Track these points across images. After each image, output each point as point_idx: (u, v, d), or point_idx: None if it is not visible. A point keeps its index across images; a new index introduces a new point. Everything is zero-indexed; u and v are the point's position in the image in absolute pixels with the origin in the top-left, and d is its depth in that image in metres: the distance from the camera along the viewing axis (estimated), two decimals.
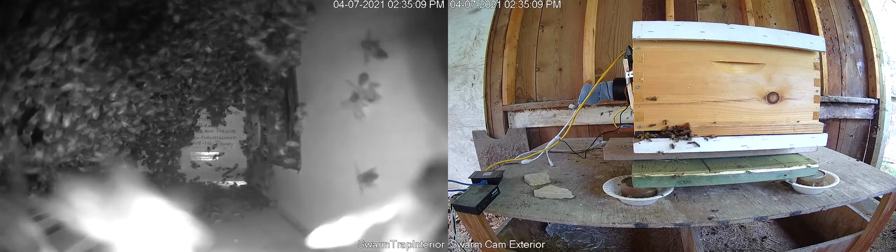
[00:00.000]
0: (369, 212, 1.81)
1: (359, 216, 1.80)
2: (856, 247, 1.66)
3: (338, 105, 2.51)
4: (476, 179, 1.75)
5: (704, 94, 1.55)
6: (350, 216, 1.80)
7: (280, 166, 3.52)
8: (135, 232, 1.72)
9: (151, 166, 3.22)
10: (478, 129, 2.89)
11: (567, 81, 2.74)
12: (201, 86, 2.95)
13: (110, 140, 2.21)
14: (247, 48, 2.68)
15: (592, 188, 1.64)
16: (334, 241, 1.80)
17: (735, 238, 2.03)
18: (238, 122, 4.12)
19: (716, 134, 1.52)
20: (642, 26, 1.53)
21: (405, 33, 1.94)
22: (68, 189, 1.73)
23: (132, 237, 1.71)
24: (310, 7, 2.07)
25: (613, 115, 2.26)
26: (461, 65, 2.89)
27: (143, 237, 1.73)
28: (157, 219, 1.78)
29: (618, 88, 1.84)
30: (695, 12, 2.54)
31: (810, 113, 1.60)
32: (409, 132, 1.98)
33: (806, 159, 1.55)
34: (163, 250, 1.74)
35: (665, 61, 1.54)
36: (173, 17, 2.04)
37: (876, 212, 1.60)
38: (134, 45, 2.02)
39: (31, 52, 1.73)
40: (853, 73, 2.45)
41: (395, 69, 1.99)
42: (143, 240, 1.73)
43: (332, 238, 1.79)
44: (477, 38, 2.86)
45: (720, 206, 1.45)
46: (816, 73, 1.59)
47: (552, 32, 2.78)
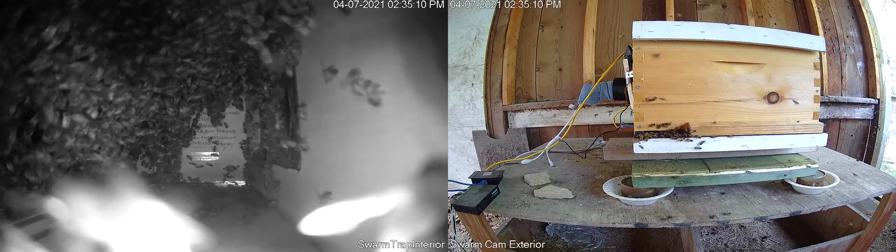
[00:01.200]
0: (364, 199, 1.78)
1: (354, 204, 1.77)
2: (856, 247, 1.66)
3: (338, 105, 2.52)
4: (476, 179, 1.75)
5: (704, 94, 1.55)
6: (345, 202, 1.78)
7: (280, 166, 3.52)
8: (132, 233, 1.72)
9: (151, 166, 3.22)
10: (478, 129, 2.89)
11: (567, 81, 2.74)
12: (201, 86, 2.95)
13: (110, 140, 2.21)
14: (247, 48, 2.68)
15: (592, 188, 1.64)
16: (327, 229, 1.77)
17: (735, 238, 2.03)
18: (238, 122, 4.12)
19: (716, 134, 1.52)
20: (642, 26, 1.53)
21: (405, 33, 1.94)
22: (67, 190, 1.73)
23: (129, 239, 1.71)
24: (310, 7, 2.07)
25: (613, 115, 2.26)
26: (461, 65, 2.89)
27: (141, 239, 1.73)
28: (155, 220, 1.78)
29: (618, 88, 1.84)
30: (695, 12, 2.54)
31: (810, 113, 1.60)
32: (409, 132, 1.97)
33: (806, 159, 1.55)
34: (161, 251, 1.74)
35: (665, 61, 1.54)
36: (173, 17, 2.04)
37: (876, 212, 1.60)
38: (134, 45, 2.02)
39: (31, 52, 1.73)
40: (853, 73, 2.45)
41: (396, 69, 1.99)
42: (140, 241, 1.73)
43: (326, 225, 1.77)
44: (477, 38, 2.85)
45: (720, 206, 1.45)
46: (816, 73, 1.59)
47: (552, 32, 2.78)
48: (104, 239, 1.68)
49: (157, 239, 1.75)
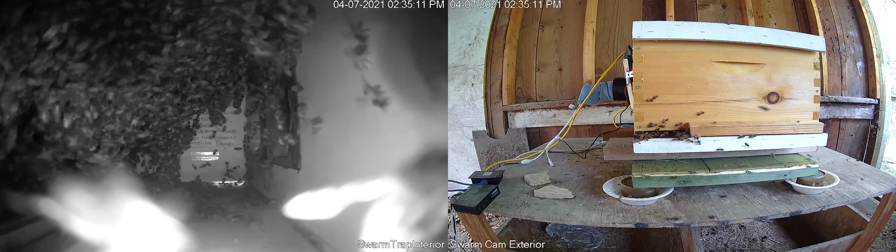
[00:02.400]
0: (351, 186, 1.77)
1: (339, 189, 1.76)
2: (856, 247, 1.66)
3: (337, 105, 2.52)
4: (476, 179, 1.75)
5: (704, 94, 1.55)
6: (330, 188, 1.76)
7: (280, 166, 3.52)
8: (125, 236, 1.72)
9: (151, 166, 3.22)
10: (478, 129, 2.89)
11: (567, 81, 2.74)
12: (201, 86, 2.95)
13: (110, 140, 2.21)
14: (247, 48, 2.68)
15: (592, 188, 1.64)
16: (312, 213, 1.75)
17: (735, 238, 2.03)
18: (238, 122, 4.13)
19: (716, 134, 1.52)
20: (642, 26, 1.53)
21: (405, 33, 1.94)
22: (64, 190, 1.73)
23: (122, 241, 1.71)
24: (310, 7, 2.07)
25: (613, 115, 2.26)
26: (461, 65, 2.89)
27: (133, 241, 1.73)
28: (147, 223, 1.77)
29: (618, 88, 1.84)
30: (695, 12, 2.54)
31: (810, 113, 1.60)
32: (409, 132, 1.98)
33: (806, 159, 1.55)
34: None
35: (665, 61, 1.54)
36: (173, 17, 2.04)
37: (876, 212, 1.60)
38: (134, 45, 2.02)
39: (31, 52, 1.73)
40: (853, 73, 2.45)
41: (395, 69, 1.99)
42: (132, 244, 1.73)
43: (310, 209, 1.76)
44: (477, 38, 2.86)
45: (720, 206, 1.45)
46: (816, 73, 1.59)
47: (552, 32, 2.78)
48: (98, 241, 1.68)
49: (147, 242, 1.75)
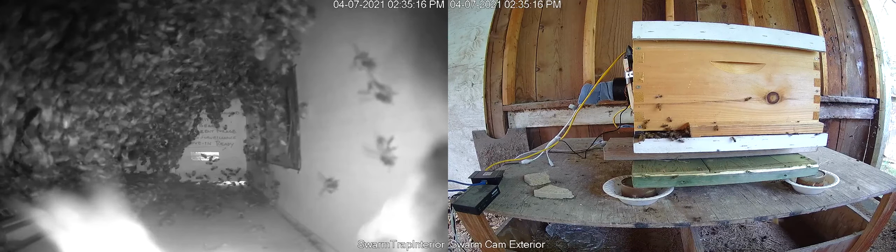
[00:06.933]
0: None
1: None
2: (856, 247, 1.66)
3: (337, 105, 2.52)
4: (476, 179, 1.75)
5: (704, 94, 1.55)
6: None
7: (280, 166, 3.52)
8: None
9: (151, 166, 3.22)
10: (478, 129, 2.89)
11: (567, 81, 2.74)
12: (201, 86, 2.95)
13: (110, 140, 2.21)
14: (247, 48, 2.68)
15: (592, 188, 1.64)
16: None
17: (735, 238, 2.03)
18: (238, 122, 4.13)
19: (716, 134, 1.52)
20: (642, 26, 1.54)
21: (405, 33, 1.94)
22: (57, 204, 1.74)
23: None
24: (310, 8, 2.07)
25: (613, 115, 2.26)
26: (461, 65, 2.89)
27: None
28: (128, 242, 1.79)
29: (618, 88, 1.84)
30: (695, 12, 2.54)
31: (810, 113, 1.60)
32: (408, 132, 1.97)
33: (806, 159, 1.55)
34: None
35: (665, 61, 1.54)
36: (173, 17, 2.05)
37: (876, 212, 1.60)
38: (134, 46, 2.02)
39: (31, 52, 1.73)
40: (853, 73, 2.45)
41: (395, 69, 1.99)
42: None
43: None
44: (477, 38, 2.86)
45: (720, 206, 1.45)
46: (816, 73, 1.59)
47: (552, 32, 2.78)
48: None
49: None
